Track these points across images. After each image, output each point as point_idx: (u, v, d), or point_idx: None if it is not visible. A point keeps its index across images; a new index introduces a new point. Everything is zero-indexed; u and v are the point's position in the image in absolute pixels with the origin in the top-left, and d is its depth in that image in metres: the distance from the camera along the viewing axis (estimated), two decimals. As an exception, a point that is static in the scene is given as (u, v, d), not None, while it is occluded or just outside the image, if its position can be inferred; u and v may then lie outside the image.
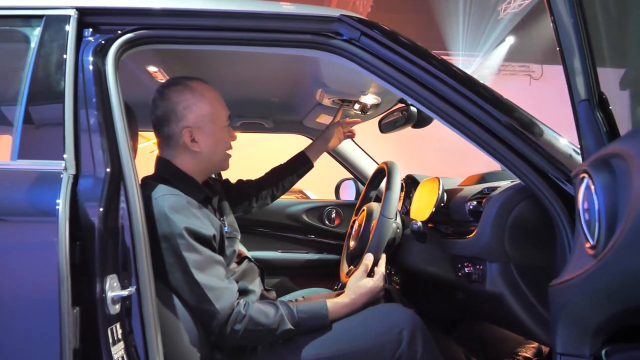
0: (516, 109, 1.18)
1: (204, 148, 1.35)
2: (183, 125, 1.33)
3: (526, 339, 1.78)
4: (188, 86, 1.36)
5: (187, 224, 1.20)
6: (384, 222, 1.43)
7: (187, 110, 1.33)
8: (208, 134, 1.35)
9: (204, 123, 1.34)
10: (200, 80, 1.39)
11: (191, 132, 1.33)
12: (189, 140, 1.33)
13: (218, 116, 1.37)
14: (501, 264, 1.21)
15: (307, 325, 1.26)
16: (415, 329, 1.25)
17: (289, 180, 1.90)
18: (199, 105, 1.34)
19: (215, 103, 1.37)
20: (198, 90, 1.35)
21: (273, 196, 1.90)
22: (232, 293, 1.24)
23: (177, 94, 1.35)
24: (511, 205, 1.19)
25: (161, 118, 1.35)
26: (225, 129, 1.40)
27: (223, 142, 1.40)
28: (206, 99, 1.36)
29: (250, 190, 1.84)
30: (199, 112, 1.34)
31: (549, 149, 1.14)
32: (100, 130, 1.08)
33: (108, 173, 1.05)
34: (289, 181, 1.90)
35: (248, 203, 1.83)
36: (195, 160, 1.37)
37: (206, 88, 1.38)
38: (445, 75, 1.19)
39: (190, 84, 1.37)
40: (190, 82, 1.37)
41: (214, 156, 1.39)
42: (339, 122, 1.95)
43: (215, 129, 1.36)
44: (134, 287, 1.04)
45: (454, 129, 1.20)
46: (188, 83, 1.37)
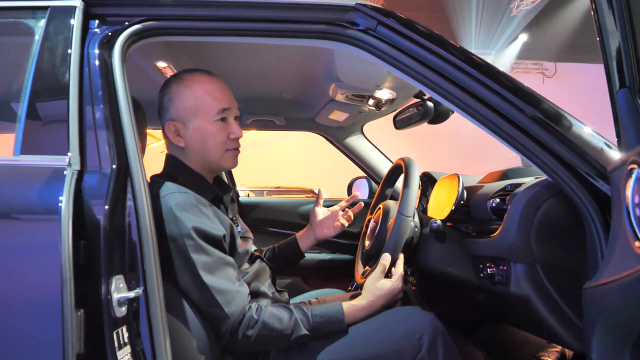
0: (542, 100, 1.12)
1: (189, 143, 1.28)
2: (167, 118, 1.29)
3: (549, 343, 1.72)
4: (178, 77, 1.31)
5: (196, 223, 1.16)
6: (402, 221, 1.37)
7: (169, 103, 1.29)
8: (192, 128, 1.27)
9: (187, 116, 1.27)
10: (199, 72, 1.32)
11: (174, 125, 1.28)
12: (172, 135, 1.28)
13: (205, 109, 1.26)
14: (527, 265, 1.15)
15: (323, 330, 1.21)
16: (436, 333, 1.19)
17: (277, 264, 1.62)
18: (181, 97, 1.27)
19: (204, 95, 1.27)
20: (186, 82, 1.28)
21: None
22: (243, 296, 1.19)
23: (166, 86, 1.31)
24: (538, 202, 1.12)
25: (158, 112, 1.32)
26: (217, 124, 1.27)
27: (213, 138, 1.28)
28: (191, 90, 1.27)
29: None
30: (181, 105, 1.27)
31: (578, 142, 1.07)
32: (107, 124, 1.04)
33: (114, 169, 1.00)
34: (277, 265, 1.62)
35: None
36: (188, 157, 1.31)
37: (199, 79, 1.29)
38: (466, 64, 1.13)
39: (183, 75, 1.31)
40: (184, 74, 1.31)
41: (207, 153, 1.29)
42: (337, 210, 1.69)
43: (201, 123, 1.27)
44: (141, 288, 0.99)
45: (476, 121, 1.14)
46: (181, 74, 1.31)
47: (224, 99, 1.30)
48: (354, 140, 2.59)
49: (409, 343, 1.18)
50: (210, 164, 1.32)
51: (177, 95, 1.28)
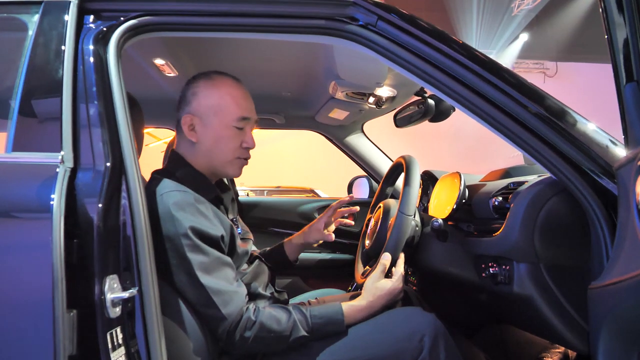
0: (546, 96, 1.10)
1: (201, 139, 1.27)
2: (186, 111, 1.28)
3: (551, 344, 1.70)
4: (208, 75, 1.31)
5: (193, 222, 1.13)
6: (402, 220, 1.35)
7: (193, 96, 1.28)
8: (208, 126, 1.26)
9: (206, 114, 1.26)
10: (230, 76, 1.33)
11: (192, 119, 1.27)
12: (186, 127, 1.27)
13: (226, 112, 1.26)
14: (530, 264, 1.13)
15: (322, 331, 1.19)
16: (437, 334, 1.16)
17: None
18: (206, 94, 1.28)
19: (229, 98, 1.27)
20: (213, 81, 1.29)
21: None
22: (240, 297, 1.16)
23: (193, 80, 1.31)
24: (542, 200, 1.10)
25: (178, 102, 1.31)
26: (233, 129, 1.27)
27: (226, 142, 1.27)
28: (218, 91, 1.28)
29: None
30: (205, 101, 1.27)
31: (582, 139, 1.05)
32: (101, 121, 1.02)
33: (108, 167, 0.98)
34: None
35: None
36: (195, 154, 1.29)
37: (227, 83, 1.30)
38: (468, 60, 1.11)
39: (214, 75, 1.31)
40: (215, 74, 1.32)
41: (215, 154, 1.28)
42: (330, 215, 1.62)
43: (218, 124, 1.26)
44: (136, 288, 0.97)
45: (478, 118, 1.12)
46: (212, 73, 1.32)
47: (247, 107, 1.30)
48: (354, 139, 2.57)
49: (410, 344, 1.16)
50: (216, 167, 1.30)
51: (202, 90, 1.28)
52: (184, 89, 1.31)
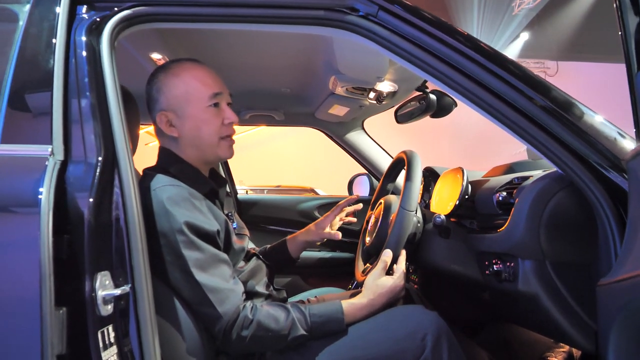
0: (552, 88, 1.06)
1: (183, 133, 1.23)
2: (158, 109, 1.23)
3: (556, 343, 1.67)
4: (164, 67, 1.26)
5: (188, 218, 1.10)
6: (404, 215, 1.31)
7: (158, 93, 1.23)
8: (184, 116, 1.22)
9: (177, 105, 1.21)
10: (185, 60, 1.27)
11: (166, 115, 1.23)
12: (164, 125, 1.23)
13: (196, 95, 1.21)
14: (535, 261, 1.09)
15: (321, 330, 1.15)
16: (440, 333, 1.13)
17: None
18: (169, 85, 1.22)
19: (193, 81, 1.22)
20: (172, 70, 1.24)
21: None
22: (237, 295, 1.13)
23: (153, 77, 1.26)
24: (548, 195, 1.07)
25: (147, 106, 1.27)
26: (209, 110, 1.22)
27: (207, 125, 1.22)
28: (180, 78, 1.22)
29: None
30: (170, 93, 1.22)
31: (590, 132, 1.02)
32: (93, 113, 0.99)
33: (100, 160, 0.95)
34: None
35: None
36: (182, 148, 1.25)
37: (186, 67, 1.24)
38: (473, 52, 1.07)
39: (169, 64, 1.26)
40: (170, 63, 1.27)
41: (201, 142, 1.23)
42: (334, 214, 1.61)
43: (193, 110, 1.21)
44: (128, 285, 0.94)
45: (483, 111, 1.09)
46: (167, 64, 1.27)
47: (213, 84, 1.24)
48: (354, 136, 2.54)
49: (412, 343, 1.13)
50: (206, 154, 1.26)
51: (165, 84, 1.23)
52: (147, 89, 1.26)
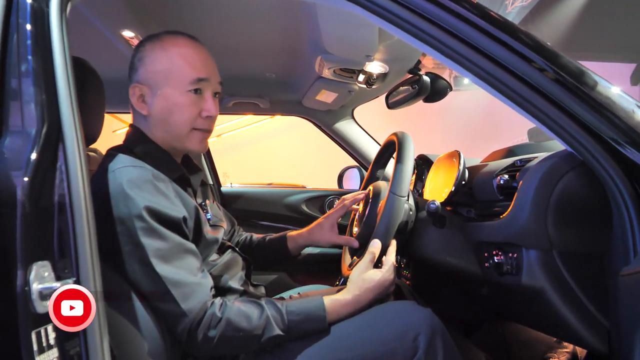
0: (560, 55, 0.94)
1: (152, 111, 1.11)
2: (134, 80, 1.12)
3: (559, 342, 1.55)
4: (156, 36, 1.13)
5: (150, 202, 0.97)
6: (394, 201, 1.18)
7: (139, 63, 1.11)
8: (159, 95, 1.09)
9: (155, 80, 1.09)
10: (182, 34, 1.14)
11: (140, 89, 1.11)
12: (135, 98, 1.11)
13: (177, 76, 1.09)
14: (542, 251, 0.97)
15: (300, 329, 1.02)
16: (434, 333, 1.01)
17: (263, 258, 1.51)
18: (153, 58, 1.10)
19: (178, 59, 1.09)
20: (163, 42, 1.11)
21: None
22: (204, 290, 1.00)
23: (140, 44, 1.13)
24: (556, 176, 0.94)
25: (128, 74, 1.14)
26: (188, 95, 1.09)
27: (181, 111, 1.10)
28: (166, 52, 1.09)
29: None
30: (152, 67, 1.10)
31: (604, 104, 0.90)
32: (36, 80, 0.86)
33: (41, 132, 0.82)
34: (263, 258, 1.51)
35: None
36: (151, 128, 1.13)
37: (178, 42, 1.12)
38: (474, 16, 0.95)
39: (163, 35, 1.13)
40: (164, 34, 1.14)
41: (170, 127, 1.11)
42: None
43: (169, 91, 1.09)
44: (73, 279, 0.80)
45: (485, 83, 0.96)
46: (161, 34, 1.14)
47: (202, 68, 1.11)
48: (343, 125, 2.42)
49: (402, 344, 1.00)
50: (173, 141, 1.13)
51: (148, 55, 1.10)
52: (132, 55, 1.14)
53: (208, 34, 1.66)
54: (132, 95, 1.12)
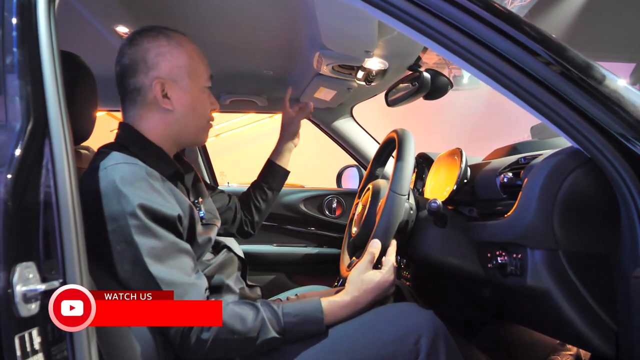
0: (567, 48, 0.91)
1: (177, 107, 1.11)
2: (154, 76, 1.09)
3: (562, 344, 1.52)
4: (163, 32, 1.12)
5: (144, 200, 0.95)
6: (394, 200, 1.15)
7: (160, 57, 1.10)
8: (184, 90, 1.12)
9: (179, 76, 1.11)
10: (179, 32, 1.16)
11: (163, 85, 1.09)
12: (159, 95, 1.09)
13: (198, 72, 1.14)
14: (547, 251, 0.94)
15: (297, 332, 0.99)
16: (436, 335, 0.97)
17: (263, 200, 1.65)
18: (174, 53, 1.11)
19: (195, 56, 1.15)
20: (175, 39, 1.13)
21: (252, 223, 1.62)
22: (198, 291, 0.97)
23: (150, 39, 1.11)
24: (563, 173, 0.91)
25: (127, 68, 1.10)
26: (206, 92, 1.17)
27: (201, 106, 1.16)
28: (184, 48, 1.13)
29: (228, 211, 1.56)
30: (175, 62, 1.11)
31: (612, 98, 0.86)
32: (21, 72, 0.83)
33: (27, 128, 0.79)
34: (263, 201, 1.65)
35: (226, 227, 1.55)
36: (166, 123, 1.12)
37: (185, 39, 1.15)
38: (477, 7, 0.92)
39: (167, 31, 1.14)
40: (167, 30, 1.14)
41: (190, 121, 1.14)
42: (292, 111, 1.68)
43: (193, 86, 1.13)
44: (59, 280, 0.77)
45: (489, 78, 0.93)
46: (164, 30, 1.13)
47: (207, 65, 1.19)
48: (342, 124, 2.38)
49: (403, 347, 0.97)
50: (189, 136, 1.17)
51: (169, 50, 1.11)
52: (137, 50, 1.10)
53: (204, 30, 1.64)
54: (156, 91, 1.09)
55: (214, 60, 1.84)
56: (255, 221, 1.62)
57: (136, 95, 1.10)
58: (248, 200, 1.62)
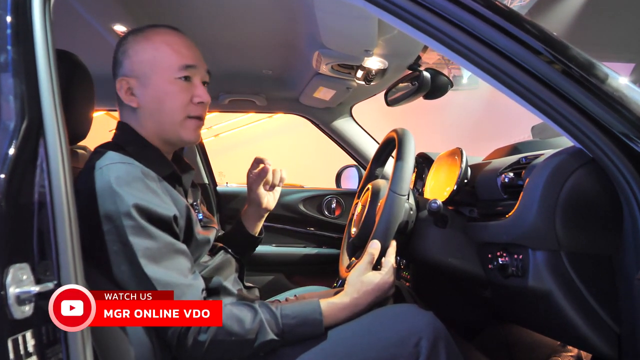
0: (569, 47, 0.90)
1: (142, 103, 1.08)
2: (120, 74, 1.09)
3: (563, 346, 1.51)
4: (139, 29, 1.12)
5: (139, 200, 0.94)
6: (394, 200, 1.13)
7: (123, 55, 1.09)
8: (148, 85, 1.07)
9: (142, 71, 1.07)
10: (163, 26, 1.13)
11: (127, 82, 1.08)
12: (123, 92, 1.08)
13: (165, 63, 1.07)
14: (549, 253, 0.93)
15: (296, 334, 0.98)
16: (437, 337, 0.96)
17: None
18: (137, 49, 1.08)
19: (164, 47, 1.08)
20: (146, 33, 1.10)
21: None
22: (195, 292, 0.96)
23: (123, 38, 1.11)
24: (565, 173, 0.90)
25: (112, 71, 1.12)
26: (178, 82, 1.08)
27: (172, 99, 1.07)
28: (150, 42, 1.08)
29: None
30: (137, 57, 1.08)
31: (615, 97, 0.85)
32: (15, 71, 0.82)
33: (21, 127, 0.78)
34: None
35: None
36: (141, 122, 1.10)
37: (162, 32, 1.11)
38: (478, 5, 0.90)
39: (146, 27, 1.12)
40: (146, 27, 1.12)
41: (162, 116, 1.08)
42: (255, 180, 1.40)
43: (158, 79, 1.07)
44: (54, 282, 0.76)
45: (490, 77, 0.92)
46: (143, 27, 1.12)
47: (189, 54, 1.10)
48: (342, 124, 2.37)
49: (403, 349, 0.96)
50: (166, 132, 1.10)
51: (132, 46, 1.08)
52: (114, 52, 1.12)
53: (202, 28, 1.63)
54: (119, 90, 1.09)
55: (212, 60, 1.83)
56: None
57: (117, 97, 1.11)
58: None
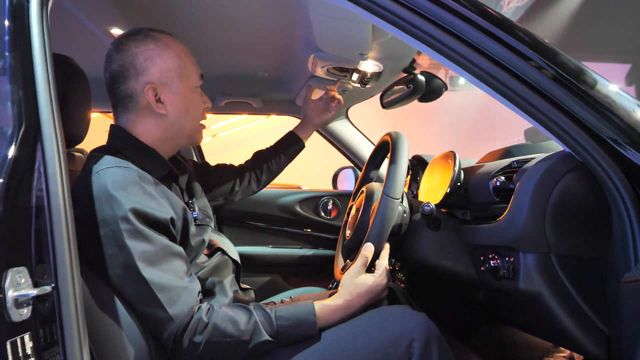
0: (559, 53, 0.91)
1: (171, 111, 1.11)
2: (145, 81, 1.08)
3: (555, 347, 1.53)
4: (150, 35, 1.11)
5: (136, 203, 0.94)
6: (387, 203, 1.15)
7: (149, 62, 1.09)
8: (176, 93, 1.11)
9: (170, 79, 1.10)
10: (166, 33, 1.15)
11: (155, 90, 1.09)
12: (153, 100, 1.09)
13: (188, 73, 1.14)
14: (539, 255, 0.94)
15: (290, 335, 0.99)
16: (429, 338, 0.97)
17: (276, 162, 1.68)
18: (164, 57, 1.10)
19: (184, 57, 1.14)
20: (163, 41, 1.12)
21: (258, 181, 1.66)
22: (191, 294, 0.97)
23: (137, 43, 1.10)
24: (555, 177, 0.92)
25: (117, 74, 1.10)
26: (198, 91, 1.17)
27: (195, 107, 1.16)
28: (173, 50, 1.12)
29: (232, 174, 1.61)
30: (164, 65, 1.10)
31: (604, 103, 0.87)
32: (13, 76, 0.83)
33: (19, 132, 0.79)
34: (276, 163, 1.68)
35: (230, 189, 1.59)
36: (160, 127, 1.12)
37: (173, 40, 1.15)
38: (470, 12, 0.92)
39: (154, 33, 1.13)
40: (153, 32, 1.13)
41: (184, 123, 1.14)
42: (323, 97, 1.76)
43: (184, 88, 1.13)
44: (51, 285, 0.77)
45: (481, 82, 0.93)
46: (151, 32, 1.12)
47: (196, 64, 1.19)
48: (337, 125, 2.39)
49: (395, 350, 0.97)
50: (185, 137, 1.18)
51: (158, 54, 1.10)
52: (126, 56, 1.09)
53: (198, 31, 1.63)
54: (148, 97, 1.08)
55: (208, 62, 1.85)
56: (263, 180, 1.69)
57: (128, 102, 1.10)
58: (262, 160, 1.69)
